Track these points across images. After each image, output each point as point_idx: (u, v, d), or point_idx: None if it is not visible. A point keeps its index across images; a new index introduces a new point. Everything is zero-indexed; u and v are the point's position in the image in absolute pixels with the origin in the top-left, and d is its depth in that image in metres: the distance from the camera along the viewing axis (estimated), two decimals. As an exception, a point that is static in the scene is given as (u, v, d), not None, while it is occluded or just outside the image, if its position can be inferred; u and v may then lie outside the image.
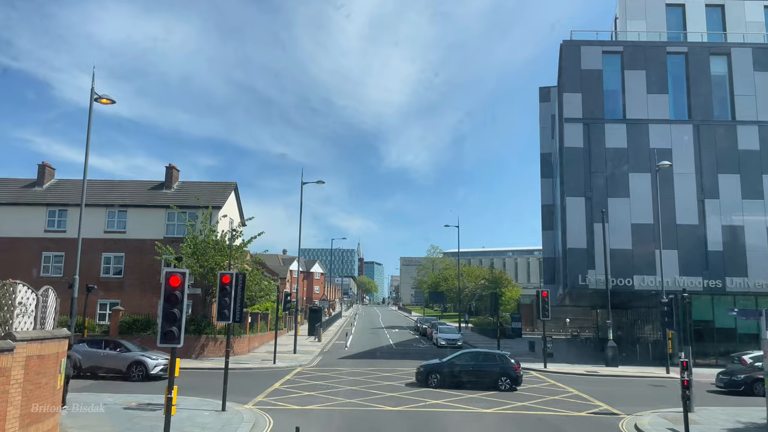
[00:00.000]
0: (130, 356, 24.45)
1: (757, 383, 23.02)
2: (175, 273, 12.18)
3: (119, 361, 24.43)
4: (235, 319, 18.01)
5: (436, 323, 54.22)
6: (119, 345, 25.14)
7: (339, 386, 23.76)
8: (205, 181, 43.60)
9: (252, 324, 39.35)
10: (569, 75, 36.89)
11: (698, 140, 35.70)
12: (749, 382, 23.47)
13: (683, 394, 16.60)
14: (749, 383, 23.41)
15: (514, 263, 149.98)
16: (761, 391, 22.81)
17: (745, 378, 23.74)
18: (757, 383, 23.07)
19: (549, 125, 61.27)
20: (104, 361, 24.77)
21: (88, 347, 25.08)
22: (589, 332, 62.04)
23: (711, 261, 34.39)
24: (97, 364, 24.56)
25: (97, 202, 38.70)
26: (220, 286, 17.62)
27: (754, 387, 23.15)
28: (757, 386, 22.93)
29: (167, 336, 11.96)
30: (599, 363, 33.47)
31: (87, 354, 24.52)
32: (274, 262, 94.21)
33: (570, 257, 35.36)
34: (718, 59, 36.77)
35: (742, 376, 23.94)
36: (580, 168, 35.95)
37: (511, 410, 19.05)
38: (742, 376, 23.94)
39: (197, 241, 34.03)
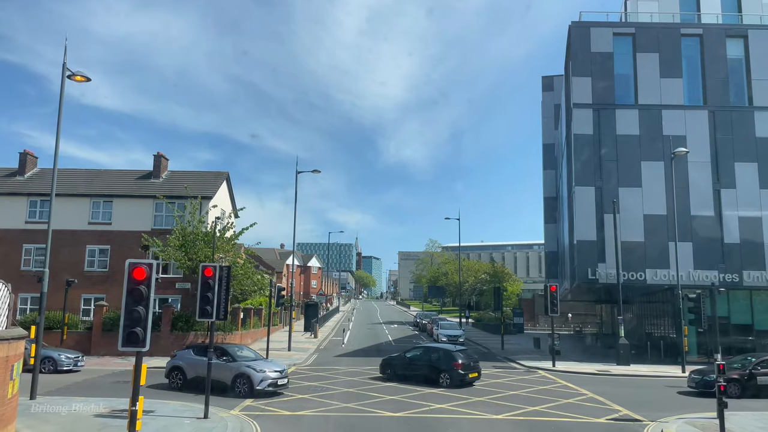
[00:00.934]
0: (234, 367, 20.05)
1: (732, 384, 21.17)
2: (139, 264, 10.39)
3: (224, 372, 20.05)
4: (219, 316, 16.22)
5: (436, 318, 52.51)
6: (225, 353, 20.74)
7: (334, 388, 22.02)
8: (196, 171, 41.73)
9: (245, 320, 37.59)
10: (578, 58, 35.01)
11: (713, 127, 33.89)
12: None
13: (719, 401, 14.92)
14: None
15: (513, 257, 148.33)
16: (735, 392, 21.08)
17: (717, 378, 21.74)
18: (731, 384, 21.16)
19: (552, 115, 59.45)
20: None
21: (194, 354, 21.20)
22: (592, 328, 60.44)
23: (727, 254, 32.64)
24: (201, 374, 19.50)
25: (81, 191, 36.92)
26: (201, 280, 15.80)
27: (728, 387, 21.28)
28: (731, 387, 21.10)
29: (130, 338, 10.21)
30: (609, 361, 31.78)
31: (192, 363, 20.95)
32: (271, 256, 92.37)
33: (579, 250, 33.57)
34: (734, 42, 34.91)
35: (714, 376, 21.90)
36: (590, 156, 34.13)
37: (523, 416, 17.32)
38: (714, 376, 21.90)
39: (186, 233, 32.28)
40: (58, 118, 20.02)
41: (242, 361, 20.31)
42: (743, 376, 21.52)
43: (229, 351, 20.93)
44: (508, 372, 28.01)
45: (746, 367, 21.84)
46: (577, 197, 34.09)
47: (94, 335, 31.46)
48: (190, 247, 31.90)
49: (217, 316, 16.06)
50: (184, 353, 21.66)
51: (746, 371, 21.70)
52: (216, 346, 20.12)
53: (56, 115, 20.35)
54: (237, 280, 33.10)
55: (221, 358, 20.23)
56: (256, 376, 19.54)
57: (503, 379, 25.38)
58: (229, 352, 20.87)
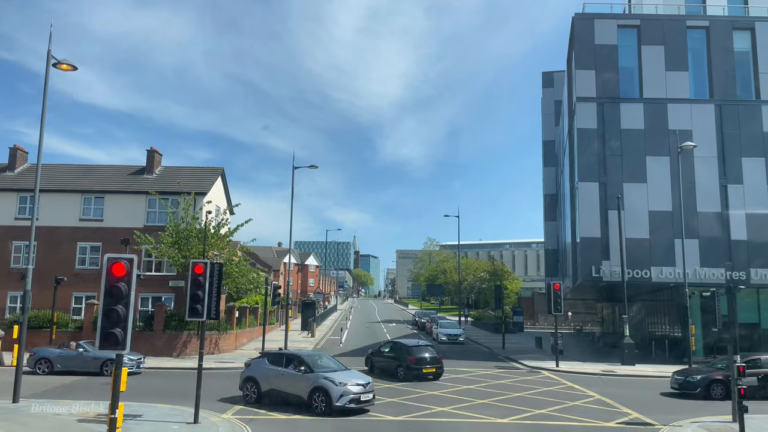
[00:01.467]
0: (311, 379, 17.19)
1: (715, 385, 20.31)
2: (119, 259, 9.53)
3: (300, 384, 17.41)
4: (210, 315, 15.37)
5: (435, 317, 51.68)
6: (302, 362, 17.99)
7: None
8: (190, 166, 40.79)
9: (240, 319, 36.70)
10: (582, 51, 34.18)
11: (720, 121, 33.11)
12: (706, 384, 20.42)
13: (739, 405, 14.13)
14: (706, 385, 20.39)
15: (511, 256, 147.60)
16: (719, 393, 20.12)
17: (701, 379, 20.59)
18: (714, 385, 20.31)
19: (552, 112, 58.72)
20: (284, 384, 17.88)
21: (269, 364, 18.59)
22: (592, 326, 59.72)
23: (734, 251, 31.87)
24: (277, 387, 18.00)
25: (72, 187, 36.00)
26: (191, 278, 14.94)
27: (711, 389, 20.33)
28: (715, 388, 20.25)
29: (108, 339, 9.34)
30: (614, 361, 31.00)
31: (267, 374, 18.33)
32: (268, 254, 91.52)
33: (582, 247, 32.77)
34: (740, 34, 34.13)
35: (698, 377, 20.77)
36: (594, 151, 33.32)
37: (530, 419, 16.52)
38: (698, 377, 20.77)
39: (179, 230, 31.40)
40: (42, 107, 19.19)
41: (320, 371, 17.50)
42: (727, 377, 20.61)
43: (305, 360, 18.05)
44: (510, 372, 27.21)
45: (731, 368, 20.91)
46: (580, 193, 33.29)
47: (85, 334, 30.52)
48: (184, 244, 31.04)
49: (208, 315, 15.22)
50: (259, 362, 19.01)
51: (730, 371, 20.75)
52: (292, 355, 18.72)
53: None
54: (232, 278, 32.26)
55: (298, 368, 17.71)
56: (334, 390, 16.49)
57: (506, 380, 24.58)
58: (306, 361, 17.97)
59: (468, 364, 29.57)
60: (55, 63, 19.38)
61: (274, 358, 18.79)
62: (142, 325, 31.89)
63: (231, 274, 32.30)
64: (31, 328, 30.93)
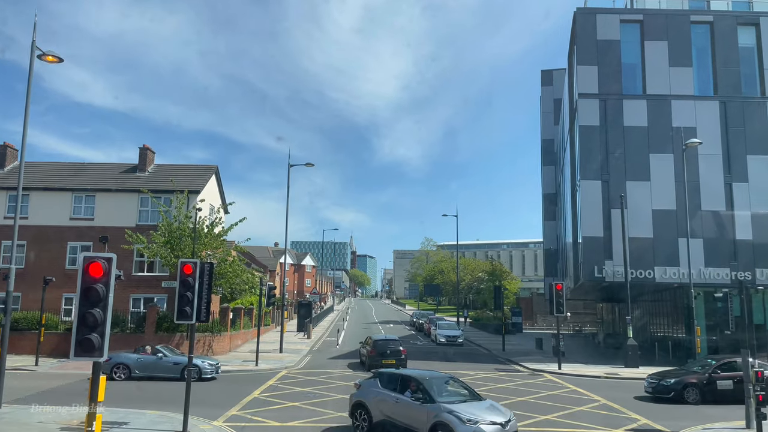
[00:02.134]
0: (432, 411, 12.99)
1: (690, 389, 19.61)
2: (96, 259, 8.74)
3: (416, 416, 13.40)
4: (200, 318, 14.61)
5: (434, 318, 50.94)
6: (419, 386, 13.91)
7: (328, 394, 20.47)
8: (183, 164, 39.93)
9: (234, 320, 35.91)
10: (584, 46, 33.49)
11: (725, 118, 32.45)
12: (680, 387, 19.70)
13: (757, 412, 13.43)
14: (680, 389, 19.68)
15: (509, 256, 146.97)
16: (694, 398, 19.43)
17: (675, 383, 19.86)
18: (689, 389, 19.60)
19: (551, 110, 58.11)
20: (399, 414, 13.94)
21: (381, 387, 14.84)
22: (591, 327, 59.07)
23: (739, 251, 31.19)
24: (391, 417, 14.13)
25: (62, 185, 35.14)
26: (180, 279, 14.15)
27: (685, 393, 19.62)
28: (690, 392, 19.56)
29: (83, 346, 8.57)
30: (617, 363, 30.32)
31: (378, 399, 14.59)
32: (264, 254, 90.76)
33: (585, 247, 32.07)
34: (745, 29, 33.47)
35: (672, 380, 20.05)
36: (596, 148, 32.62)
37: (534, 426, 15.79)
38: (672, 380, 20.05)
39: (172, 229, 30.59)
40: (26, 99, 18.33)
41: (444, 400, 13.34)
42: (702, 381, 19.86)
43: (425, 384, 13.88)
44: (511, 375, 26.49)
45: (706, 371, 20.15)
46: (582, 191, 32.60)
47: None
48: (176, 244, 30.25)
49: (198, 318, 14.45)
50: (370, 384, 15.32)
51: (705, 375, 19.97)
52: (409, 377, 14.60)
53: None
54: (226, 278, 31.46)
55: (414, 394, 13.80)
56: (460, 430, 12.30)
57: (508, 383, 23.84)
58: (426, 386, 13.81)
59: (468, 367, 28.86)
60: (40, 54, 18.58)
61: (388, 379, 14.97)
62: (134, 326, 31.11)
63: (225, 274, 31.50)
64: (20, 330, 30.22)
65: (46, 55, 18.63)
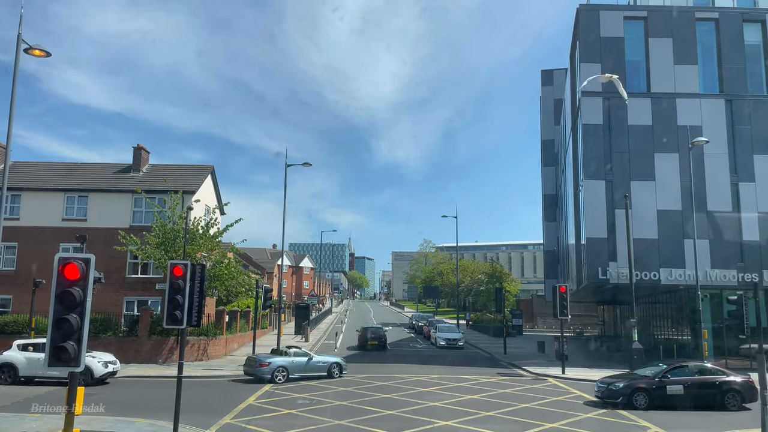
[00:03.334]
0: None
1: (639, 394, 18.98)
2: (71, 260, 8.04)
3: None
4: (191, 322, 13.90)
5: (434, 321, 50.23)
6: None
7: (326, 400, 19.74)
8: (178, 164, 39.18)
9: (230, 323, 35.17)
10: (587, 43, 32.85)
11: (731, 117, 31.83)
12: (628, 392, 19.02)
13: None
14: (628, 394, 19.00)
15: (508, 257, 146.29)
16: (643, 403, 18.79)
17: (624, 387, 19.19)
18: (638, 394, 18.98)
19: (551, 110, 57.41)
20: None
21: None
22: (592, 330, 58.37)
23: (746, 252, 30.56)
24: None
25: (54, 185, 34.42)
26: (170, 281, 13.43)
27: (634, 398, 18.94)
28: (638, 397, 18.93)
29: (59, 355, 7.84)
30: (621, 367, 29.51)
31: None
32: (262, 256, 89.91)
33: (589, 248, 31.38)
34: (751, 26, 32.86)
35: (621, 385, 19.38)
36: (600, 147, 31.96)
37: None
38: (621, 385, 19.38)
39: (166, 230, 29.85)
40: (12, 93, 17.62)
41: None
42: (651, 385, 19.25)
43: None
44: (515, 380, 25.78)
45: (656, 375, 19.59)
46: (586, 192, 31.94)
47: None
48: (171, 245, 29.50)
49: (189, 322, 13.72)
50: None
51: (655, 380, 19.37)
52: None
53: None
54: (221, 280, 30.72)
55: None
56: None
57: (511, 388, 23.13)
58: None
59: (469, 372, 28.18)
60: (27, 48, 17.84)
61: None
62: (127, 330, 30.38)
63: (221, 276, 30.76)
64: (9, 333, 29.48)
65: (33, 49, 17.86)
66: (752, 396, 18.83)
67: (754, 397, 18.77)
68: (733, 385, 19.17)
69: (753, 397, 18.78)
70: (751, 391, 18.96)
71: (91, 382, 21.92)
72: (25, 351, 22.89)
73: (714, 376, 19.55)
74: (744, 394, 19.03)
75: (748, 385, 19.15)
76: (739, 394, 19.04)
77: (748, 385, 19.18)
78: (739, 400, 18.99)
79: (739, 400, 18.99)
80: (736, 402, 18.95)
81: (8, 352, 22.83)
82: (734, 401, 18.96)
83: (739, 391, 19.07)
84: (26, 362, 22.46)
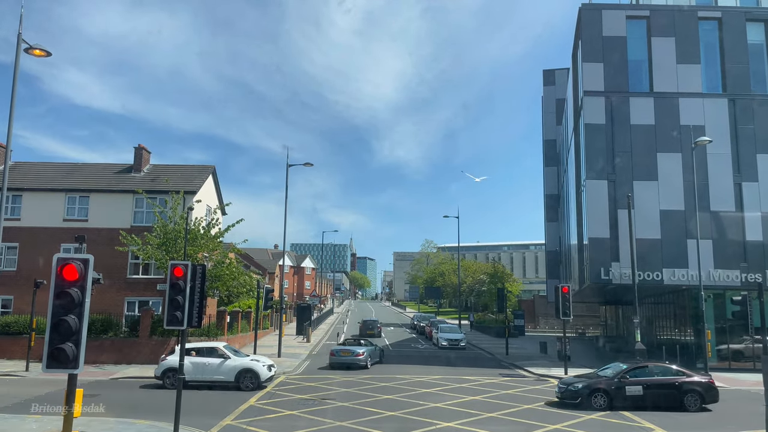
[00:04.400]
0: None
1: (597, 394, 18.87)
2: (70, 261, 7.96)
3: None
4: (192, 323, 13.81)
5: (435, 321, 50.12)
6: None
7: (328, 401, 19.63)
8: (179, 165, 39.10)
9: (231, 324, 35.10)
10: (589, 43, 32.73)
11: (734, 116, 31.70)
12: (587, 393, 18.89)
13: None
14: (587, 394, 18.87)
15: (509, 258, 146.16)
16: (601, 404, 18.70)
17: (583, 388, 19.07)
18: (596, 394, 18.86)
19: (553, 110, 57.29)
20: None
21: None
22: (594, 330, 58.23)
23: (750, 252, 30.43)
24: None
25: (55, 186, 34.37)
26: (170, 282, 13.35)
27: (592, 399, 18.82)
28: (597, 398, 18.83)
29: (57, 357, 7.75)
30: (624, 367, 29.42)
31: None
32: (264, 257, 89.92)
33: (591, 248, 31.26)
34: (754, 26, 32.73)
35: (579, 385, 19.27)
36: (602, 147, 31.84)
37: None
38: (579, 385, 19.27)
39: (167, 230, 29.76)
40: (12, 94, 17.55)
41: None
42: (611, 386, 19.12)
43: None
44: (517, 381, 25.67)
45: (616, 376, 19.46)
46: (588, 191, 31.81)
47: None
48: (172, 246, 29.40)
49: (189, 323, 13.63)
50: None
51: (615, 380, 19.25)
52: None
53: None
54: (222, 281, 30.63)
55: None
56: None
57: (513, 389, 23.02)
58: None
59: (471, 372, 28.07)
60: (27, 48, 17.80)
61: None
62: (128, 330, 30.30)
63: (222, 276, 30.67)
64: (11, 334, 29.45)
65: (33, 49, 17.84)
66: (713, 397, 19.03)
67: (714, 398, 19.05)
68: (694, 386, 19.06)
69: (713, 398, 19.04)
70: (711, 392, 19.07)
71: (255, 387, 21.56)
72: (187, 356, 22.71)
73: (675, 377, 19.44)
74: (704, 395, 18.98)
75: (709, 386, 19.19)
76: (699, 395, 18.96)
77: (708, 386, 19.19)
78: (699, 401, 18.92)
79: (699, 401, 18.92)
80: (696, 403, 18.88)
81: (172, 356, 22.29)
82: (694, 402, 18.88)
83: (699, 392, 18.98)
84: (192, 367, 21.69)
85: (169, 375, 21.82)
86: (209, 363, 22.11)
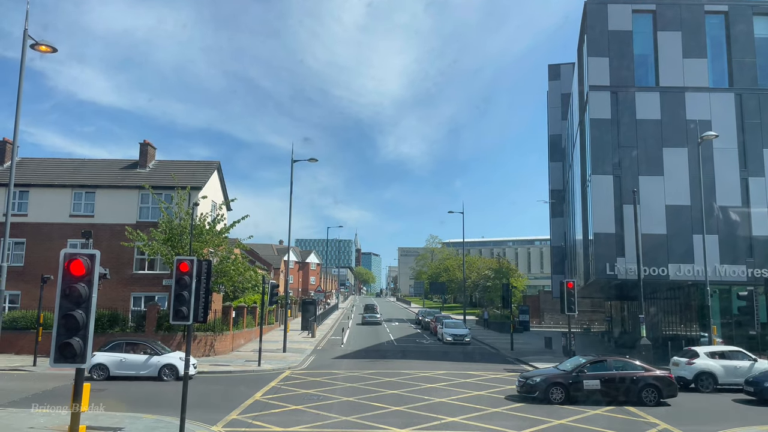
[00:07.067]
0: None
1: (554, 388, 18.86)
2: (77, 256, 8.01)
3: None
4: (197, 318, 13.83)
5: (440, 317, 50.13)
6: None
7: (333, 396, 19.70)
8: (185, 160, 39.21)
9: (237, 319, 35.23)
10: (595, 37, 32.59)
11: (740, 111, 31.52)
12: (545, 387, 18.86)
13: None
14: (545, 388, 18.84)
15: (514, 253, 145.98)
16: (559, 397, 18.72)
17: (540, 382, 19.06)
18: (554, 388, 18.86)
19: (559, 105, 57.16)
20: None
21: None
22: (599, 325, 58.13)
23: (756, 247, 30.31)
24: None
25: (62, 182, 34.51)
26: (176, 277, 13.39)
27: (550, 393, 18.82)
28: (554, 392, 18.83)
29: (64, 351, 7.82)
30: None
31: None
32: (269, 252, 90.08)
33: (596, 244, 31.21)
34: (761, 19, 32.51)
35: (538, 379, 19.28)
36: (608, 142, 31.73)
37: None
38: (538, 379, 19.28)
39: (173, 226, 29.86)
40: (18, 90, 17.66)
41: None
42: (568, 380, 19.11)
43: None
44: (522, 376, 25.66)
45: (574, 370, 19.45)
46: (593, 187, 31.72)
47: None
48: (177, 241, 29.52)
49: (195, 318, 13.66)
50: None
51: (572, 374, 19.23)
52: None
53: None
54: (228, 276, 30.75)
55: None
56: None
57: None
58: None
59: (476, 368, 28.10)
60: (33, 44, 17.91)
61: None
62: (134, 325, 30.48)
63: (227, 272, 30.79)
64: (18, 329, 29.64)
65: (39, 45, 17.97)
66: (671, 392, 19.07)
67: (673, 392, 19.08)
68: (651, 380, 19.03)
69: (672, 393, 19.06)
70: (669, 387, 19.09)
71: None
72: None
73: (633, 371, 19.44)
74: (662, 390, 18.97)
75: (667, 380, 19.21)
76: (657, 390, 18.95)
77: (667, 380, 19.20)
78: (656, 395, 18.92)
79: (657, 396, 18.92)
80: (654, 397, 18.88)
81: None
82: (651, 396, 18.89)
83: (657, 387, 18.96)
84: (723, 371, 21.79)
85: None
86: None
